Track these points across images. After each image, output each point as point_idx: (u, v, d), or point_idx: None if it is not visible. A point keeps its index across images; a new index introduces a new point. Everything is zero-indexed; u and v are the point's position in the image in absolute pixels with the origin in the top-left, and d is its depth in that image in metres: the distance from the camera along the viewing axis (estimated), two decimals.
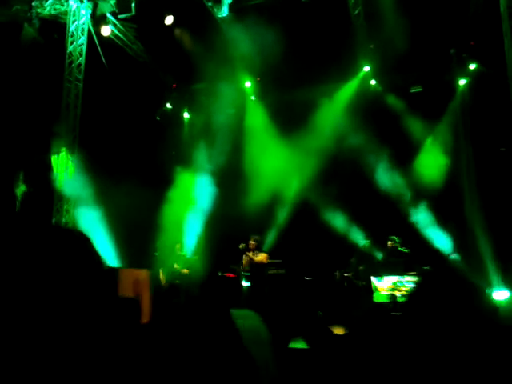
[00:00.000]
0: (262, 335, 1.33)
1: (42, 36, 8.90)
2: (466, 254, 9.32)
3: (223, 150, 11.12)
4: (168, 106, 12.76)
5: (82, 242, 0.95)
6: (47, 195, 8.72)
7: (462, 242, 9.51)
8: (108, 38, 9.27)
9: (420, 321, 0.98)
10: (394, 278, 7.93)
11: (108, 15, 8.77)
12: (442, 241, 9.70)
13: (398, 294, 7.71)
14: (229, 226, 10.01)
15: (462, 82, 10.64)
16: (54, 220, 8.73)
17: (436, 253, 9.51)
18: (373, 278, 8.16)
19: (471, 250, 9.39)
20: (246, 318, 1.34)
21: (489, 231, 9.16)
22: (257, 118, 11.99)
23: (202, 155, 11.38)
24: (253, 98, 12.21)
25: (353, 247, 9.77)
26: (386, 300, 7.73)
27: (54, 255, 0.88)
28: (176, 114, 13.04)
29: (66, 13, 9.10)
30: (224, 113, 11.57)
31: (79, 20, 9.15)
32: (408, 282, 7.74)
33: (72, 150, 8.90)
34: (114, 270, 1.14)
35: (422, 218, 9.96)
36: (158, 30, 9.33)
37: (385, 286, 7.93)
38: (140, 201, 8.50)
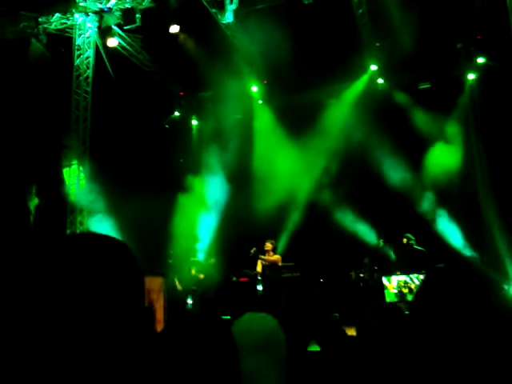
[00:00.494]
0: (276, 338, 1.33)
1: (49, 51, 9.01)
2: (482, 249, 9.20)
3: (233, 154, 11.14)
4: (176, 113, 12.83)
5: (123, 249, 0.93)
6: (60, 208, 8.80)
7: (477, 237, 9.39)
8: (114, 50, 9.34)
9: (428, 319, 0.96)
10: (403, 276, 7.84)
11: (114, 27, 8.85)
12: (456, 237, 9.59)
13: (406, 291, 7.61)
14: (241, 230, 10.02)
15: (471, 76, 10.54)
16: (68, 231, 8.80)
17: (451, 249, 9.41)
18: (384, 278, 8.09)
19: (487, 246, 9.27)
20: (258, 322, 1.33)
21: (505, 226, 9.03)
22: (265, 121, 12.00)
23: (212, 161, 11.41)
24: (260, 102, 12.23)
25: (366, 246, 9.71)
26: (394, 298, 7.64)
27: (97, 263, 0.86)
28: (184, 121, 13.10)
29: (72, 27, 9.20)
30: (232, 118, 11.60)
31: (85, 33, 9.24)
32: (417, 279, 7.65)
33: (83, 162, 8.98)
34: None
35: (435, 214, 9.86)
36: (163, 39, 9.39)
37: (393, 283, 7.83)
38: (152, 209, 8.54)
